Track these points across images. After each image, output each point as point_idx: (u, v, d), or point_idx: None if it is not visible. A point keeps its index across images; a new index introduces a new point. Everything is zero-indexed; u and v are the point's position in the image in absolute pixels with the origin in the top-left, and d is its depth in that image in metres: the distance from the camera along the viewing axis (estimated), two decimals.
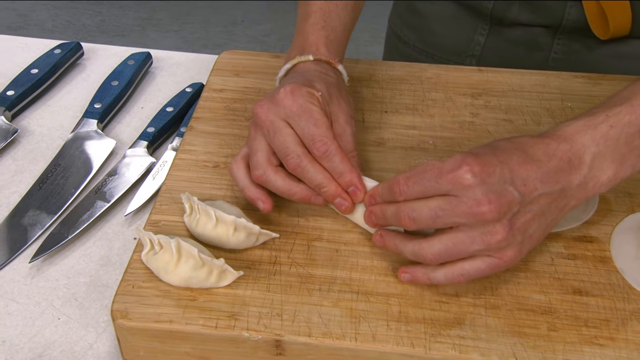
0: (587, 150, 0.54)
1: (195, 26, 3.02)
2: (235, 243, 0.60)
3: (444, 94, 0.78)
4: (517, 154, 0.53)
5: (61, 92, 0.90)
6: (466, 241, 0.53)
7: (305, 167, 0.60)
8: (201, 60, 0.96)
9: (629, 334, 0.54)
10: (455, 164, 0.53)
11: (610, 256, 0.60)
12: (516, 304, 0.57)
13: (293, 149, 0.60)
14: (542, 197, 0.53)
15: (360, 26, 0.99)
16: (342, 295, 0.57)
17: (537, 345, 0.53)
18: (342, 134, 0.64)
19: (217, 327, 0.55)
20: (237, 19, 3.08)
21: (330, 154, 0.60)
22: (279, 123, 0.61)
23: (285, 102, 0.61)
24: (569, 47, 0.89)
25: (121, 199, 0.74)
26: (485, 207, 0.51)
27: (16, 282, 0.66)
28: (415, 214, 0.54)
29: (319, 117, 0.61)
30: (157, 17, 3.11)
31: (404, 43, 1.01)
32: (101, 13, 3.15)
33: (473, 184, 0.52)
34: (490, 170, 0.52)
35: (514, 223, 0.53)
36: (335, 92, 0.65)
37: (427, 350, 0.53)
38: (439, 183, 0.53)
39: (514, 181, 0.52)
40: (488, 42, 0.92)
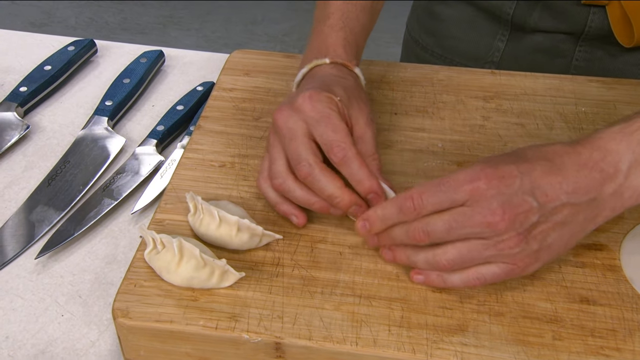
0: (623, 158, 0.52)
1: (216, 25, 3.03)
2: (239, 244, 0.60)
3: (455, 96, 0.77)
4: (541, 164, 0.52)
5: (74, 89, 0.90)
6: (480, 248, 0.53)
7: (316, 176, 0.59)
8: (214, 59, 0.96)
9: (637, 344, 0.53)
10: (473, 175, 0.52)
11: (619, 265, 0.59)
12: (521, 312, 0.55)
13: (305, 157, 0.59)
14: (566, 207, 0.52)
15: (382, 26, 0.98)
16: (344, 298, 0.57)
17: (541, 355, 0.52)
18: (362, 136, 0.63)
19: (218, 328, 0.55)
20: (257, 18, 3.09)
21: (349, 159, 0.59)
22: (297, 130, 0.60)
23: (304, 107, 0.60)
24: (591, 54, 0.88)
25: (129, 196, 0.74)
26: (498, 217, 0.51)
27: (22, 278, 0.66)
28: (429, 228, 0.53)
29: (338, 123, 0.60)
30: (179, 15, 3.13)
31: (421, 47, 1.00)
32: (123, 11, 3.18)
33: (489, 196, 0.51)
34: (509, 182, 0.51)
35: (530, 231, 0.52)
36: (353, 95, 0.64)
37: (428, 357, 0.53)
38: (456, 194, 0.52)
39: (534, 191, 0.51)
40: (508, 48, 0.91)
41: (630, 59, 0.87)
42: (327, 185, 0.59)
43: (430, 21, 0.97)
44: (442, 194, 0.53)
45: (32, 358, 0.60)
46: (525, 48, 0.90)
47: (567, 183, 0.52)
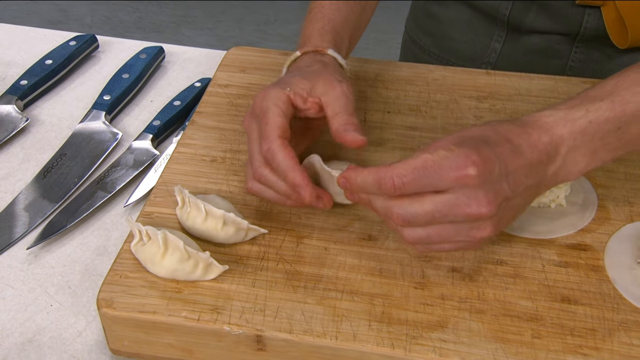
0: (564, 143, 0.53)
1: (229, 24, 3.05)
2: (224, 237, 0.61)
3: (449, 95, 0.77)
4: (507, 146, 0.52)
5: (74, 83, 0.91)
6: (451, 233, 0.52)
7: (267, 176, 0.59)
8: (213, 56, 0.97)
9: (615, 344, 0.53)
10: (459, 163, 0.50)
11: (603, 265, 0.59)
12: (502, 310, 0.56)
13: (256, 157, 0.60)
14: (525, 190, 0.53)
15: (395, 28, 0.99)
16: (326, 293, 0.57)
17: (519, 352, 0.52)
18: (328, 101, 0.61)
19: (200, 320, 0.55)
20: (269, 18, 3.10)
21: (272, 151, 0.58)
22: (252, 132, 0.62)
23: (253, 108, 0.62)
24: (587, 56, 0.87)
25: (122, 190, 0.75)
26: (484, 208, 0.50)
27: (13, 268, 0.67)
28: (409, 216, 0.52)
29: (271, 117, 0.59)
30: (193, 14, 3.15)
31: (419, 48, 1.00)
32: (138, 9, 3.20)
33: (477, 184, 0.50)
34: (491, 167, 0.51)
35: (500, 219, 0.53)
36: (315, 75, 0.63)
37: (406, 352, 0.53)
38: (441, 182, 0.51)
39: (508, 177, 0.52)
40: (504, 49, 0.91)
41: (626, 60, 0.87)
42: (277, 183, 0.59)
43: (428, 22, 0.97)
44: (426, 180, 0.51)
45: (19, 346, 0.60)
46: (521, 49, 0.90)
47: (526, 165, 0.52)
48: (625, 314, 0.55)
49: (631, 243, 0.60)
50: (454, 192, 0.51)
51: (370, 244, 0.61)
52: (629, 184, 0.66)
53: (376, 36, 2.81)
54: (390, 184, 0.52)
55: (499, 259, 0.59)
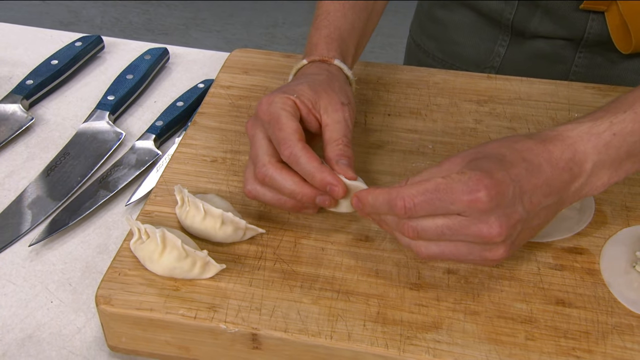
0: (589, 158, 0.53)
1: (237, 27, 3.06)
2: (223, 236, 0.61)
3: (449, 99, 0.78)
4: (524, 166, 0.52)
5: (79, 83, 0.92)
6: (464, 252, 0.53)
7: (272, 175, 0.59)
8: (217, 58, 0.97)
9: (608, 347, 0.53)
10: (471, 187, 0.50)
11: (598, 269, 0.59)
12: (496, 312, 0.56)
13: (261, 158, 0.60)
14: (543, 210, 0.53)
15: (401, 32, 0.99)
16: (322, 293, 0.58)
17: (512, 354, 0.53)
18: (329, 123, 0.62)
19: (196, 317, 0.56)
20: (278, 20, 3.11)
21: (295, 156, 0.58)
22: (256, 135, 0.61)
23: (260, 113, 0.61)
24: (591, 61, 0.88)
25: (124, 189, 0.76)
26: (495, 231, 0.50)
27: (15, 265, 0.68)
28: (419, 229, 0.52)
29: (285, 122, 0.59)
30: (201, 17, 3.17)
31: (424, 52, 1.01)
32: (148, 11, 3.22)
33: (489, 209, 0.50)
34: (504, 191, 0.51)
35: (515, 240, 0.53)
36: (322, 87, 0.63)
37: (400, 352, 0.53)
38: (453, 205, 0.51)
39: (523, 198, 0.51)
40: (508, 54, 0.91)
41: (630, 66, 0.87)
42: (285, 183, 0.59)
43: (433, 26, 0.98)
44: (438, 203, 0.51)
45: (19, 342, 0.61)
46: (525, 53, 0.90)
47: (545, 185, 0.52)
48: (619, 318, 0.55)
49: (627, 247, 0.60)
50: (465, 215, 0.51)
51: (367, 245, 0.62)
52: (627, 189, 0.66)
53: (382, 40, 2.82)
54: (401, 204, 0.52)
55: None
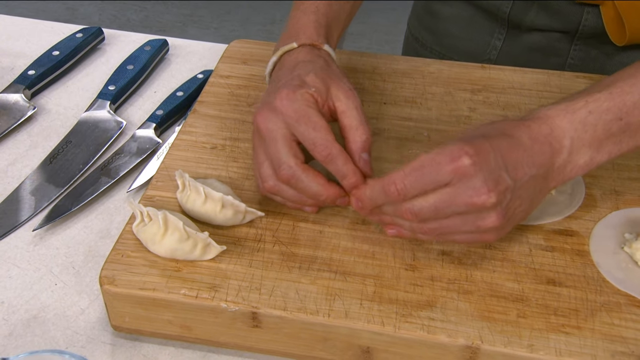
0: (566, 134, 0.55)
1: (235, 24, 3.07)
2: (223, 219, 0.63)
3: (444, 88, 0.79)
4: (504, 139, 0.54)
5: (80, 74, 0.94)
6: (459, 223, 0.55)
7: (299, 177, 0.60)
8: (216, 50, 0.99)
9: (596, 324, 0.55)
10: (453, 154, 0.53)
11: (588, 250, 0.61)
12: (489, 291, 0.58)
13: (285, 159, 0.61)
14: (530, 181, 0.55)
15: (400, 29, 1.00)
16: (320, 273, 0.59)
17: (504, 330, 0.54)
18: (345, 110, 0.63)
19: (198, 297, 0.57)
20: (275, 18, 3.12)
21: (333, 157, 0.60)
22: (277, 132, 0.61)
23: (282, 108, 0.61)
24: (586, 54, 0.89)
25: (126, 176, 0.77)
26: (484, 196, 0.52)
27: (19, 249, 0.69)
28: (416, 209, 0.54)
29: (317, 120, 0.60)
30: (199, 14, 3.18)
31: (421, 45, 1.02)
32: (146, 9, 3.23)
33: (472, 173, 0.52)
34: (486, 157, 0.53)
35: (507, 210, 0.54)
36: (327, 75, 0.64)
37: (396, 329, 0.55)
38: (439, 176, 0.53)
39: (507, 167, 0.53)
40: (505, 47, 0.93)
41: (624, 58, 0.88)
42: (311, 185, 0.61)
43: (430, 19, 0.99)
44: (425, 178, 0.53)
45: (24, 322, 0.63)
46: (521, 46, 0.92)
47: (528, 156, 0.54)
48: (608, 296, 0.57)
49: (616, 230, 0.62)
50: (453, 185, 0.53)
51: (363, 228, 0.63)
52: (616, 174, 0.68)
53: (379, 37, 2.83)
54: (393, 189, 0.54)
55: (487, 243, 0.61)
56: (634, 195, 0.66)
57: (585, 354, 0.53)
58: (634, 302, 0.56)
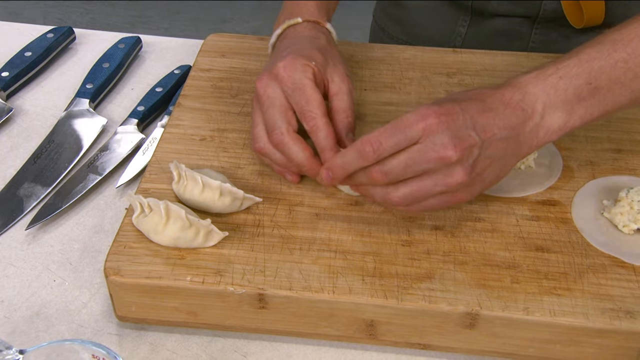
0: (538, 99, 0.58)
1: (185, 24, 3.05)
2: (221, 207, 0.64)
3: (420, 73, 0.82)
4: (476, 103, 0.57)
5: (54, 74, 0.94)
6: (429, 185, 0.57)
7: (287, 144, 0.64)
8: (189, 45, 1.00)
9: (585, 285, 0.58)
10: (421, 114, 0.56)
11: (571, 218, 0.64)
12: (483, 260, 0.61)
13: (279, 125, 0.64)
14: (500, 142, 0.57)
15: (350, 23, 1.03)
16: (321, 254, 0.61)
17: (500, 296, 0.58)
18: (337, 93, 0.67)
19: (204, 282, 0.59)
20: (226, 16, 3.12)
21: (317, 128, 0.63)
22: (275, 99, 0.65)
23: (281, 76, 0.65)
24: (546, 37, 0.93)
25: (112, 172, 0.78)
26: (450, 151, 0.55)
27: (13, 248, 0.69)
28: (386, 168, 0.57)
29: (311, 93, 0.64)
30: (147, 14, 3.14)
31: (388, 35, 1.05)
32: (92, 11, 3.18)
33: (440, 130, 0.55)
34: (454, 117, 0.56)
35: (474, 167, 0.57)
36: (328, 54, 0.68)
37: (399, 302, 0.57)
38: (411, 132, 0.56)
39: (476, 127, 0.56)
40: (469, 33, 0.96)
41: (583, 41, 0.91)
42: (297, 154, 0.64)
43: (396, 9, 1.02)
44: (398, 135, 0.56)
45: (27, 319, 0.63)
46: (485, 32, 0.95)
47: (498, 119, 0.57)
48: (593, 259, 0.61)
49: (594, 197, 0.66)
50: (422, 142, 0.56)
51: (357, 208, 0.66)
52: (589, 146, 0.72)
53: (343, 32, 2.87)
54: (369, 148, 0.57)
55: (477, 217, 0.65)
56: (607, 165, 0.70)
57: (577, 313, 0.56)
58: (617, 262, 0.60)
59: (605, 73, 0.58)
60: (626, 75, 0.58)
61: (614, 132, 0.73)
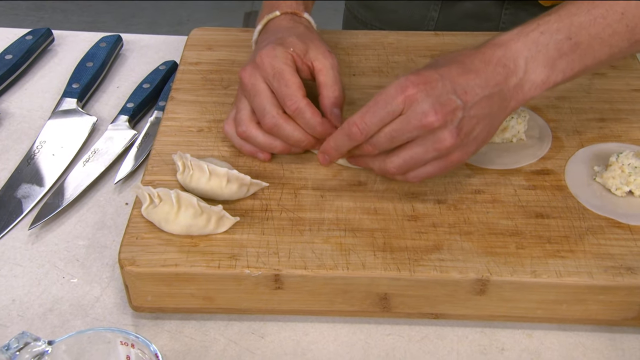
0: (521, 54, 0.60)
1: (141, 27, 3.02)
2: (229, 194, 0.65)
3: (405, 56, 0.85)
4: (456, 66, 0.60)
5: (36, 76, 0.93)
6: (420, 152, 0.60)
7: (281, 125, 0.66)
8: (169, 42, 1.00)
9: (586, 246, 0.61)
10: (400, 86, 0.58)
11: (565, 185, 0.67)
12: (487, 230, 0.63)
13: (269, 109, 0.66)
14: (483, 100, 0.59)
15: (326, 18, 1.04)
16: (331, 233, 0.63)
17: (507, 262, 0.60)
18: (322, 68, 0.69)
19: (220, 267, 0.60)
20: (182, 18, 3.10)
21: (301, 110, 0.65)
22: (259, 85, 0.67)
23: (262, 65, 0.67)
24: (515, 17, 0.96)
25: (109, 169, 0.78)
26: (432, 117, 0.57)
27: (17, 249, 0.69)
28: (374, 140, 0.60)
29: (290, 77, 0.66)
30: (102, 20, 3.10)
31: (360, 22, 1.07)
32: (43, 18, 3.12)
33: (420, 98, 0.57)
34: (433, 84, 0.58)
35: (461, 128, 0.59)
36: (307, 37, 0.70)
37: (412, 273, 0.59)
38: (392, 106, 0.58)
39: (456, 90, 0.58)
40: (441, 17, 0.99)
41: None
42: (293, 133, 0.66)
43: None
44: (381, 111, 0.59)
45: (41, 316, 0.63)
46: (456, 15, 0.98)
47: (479, 79, 0.59)
48: (590, 221, 0.64)
49: (585, 164, 0.69)
50: (405, 112, 0.58)
51: (361, 188, 0.68)
52: (575, 116, 0.75)
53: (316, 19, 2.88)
54: (355, 129, 0.60)
55: (476, 189, 0.67)
56: (594, 134, 0.73)
57: (582, 272, 0.59)
58: (613, 223, 0.63)
59: (585, 29, 0.61)
60: (605, 31, 0.61)
61: (596, 102, 0.77)
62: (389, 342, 0.62)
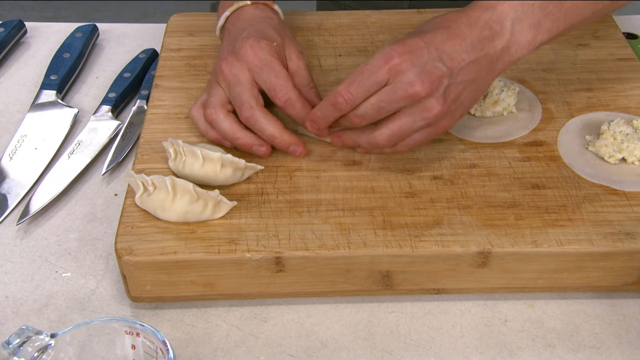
0: (507, 16, 0.60)
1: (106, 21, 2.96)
2: (223, 179, 0.64)
3: (390, 35, 0.84)
4: (440, 32, 0.59)
5: (10, 69, 0.91)
6: (409, 122, 0.59)
7: (258, 117, 0.65)
8: (146, 29, 0.98)
9: (584, 214, 0.62)
10: (385, 56, 0.58)
11: (559, 155, 0.68)
12: (485, 203, 0.63)
13: (247, 100, 0.65)
14: (469, 65, 0.59)
15: None
16: (329, 213, 0.62)
17: (508, 233, 0.60)
18: (297, 70, 0.69)
19: (220, 252, 0.59)
20: (148, 11, 3.05)
21: (292, 101, 0.65)
22: (242, 76, 0.66)
23: (247, 56, 0.66)
24: None
25: (94, 160, 0.76)
26: (418, 87, 0.57)
27: (6, 245, 0.67)
28: (361, 111, 0.60)
29: (279, 69, 0.66)
30: (63, 15, 3.03)
31: (335, 3, 1.06)
32: (2, 15, 3.05)
33: (405, 68, 0.57)
34: (418, 53, 0.58)
35: (448, 95, 0.59)
36: (283, 33, 0.70)
37: (413, 249, 0.59)
38: (378, 76, 0.58)
39: (442, 57, 0.58)
40: None
41: None
42: (268, 126, 0.65)
43: None
44: (366, 82, 0.58)
45: (37, 311, 0.62)
46: None
47: (465, 43, 0.59)
48: (586, 190, 0.64)
49: (576, 134, 0.70)
50: (391, 82, 0.58)
51: (356, 167, 0.67)
52: (563, 88, 0.75)
53: None
54: (340, 99, 0.60)
55: (471, 163, 0.67)
56: (582, 104, 0.74)
57: (582, 240, 0.59)
58: (609, 191, 0.64)
59: None
60: None
61: (582, 73, 0.77)
62: (392, 319, 0.61)
